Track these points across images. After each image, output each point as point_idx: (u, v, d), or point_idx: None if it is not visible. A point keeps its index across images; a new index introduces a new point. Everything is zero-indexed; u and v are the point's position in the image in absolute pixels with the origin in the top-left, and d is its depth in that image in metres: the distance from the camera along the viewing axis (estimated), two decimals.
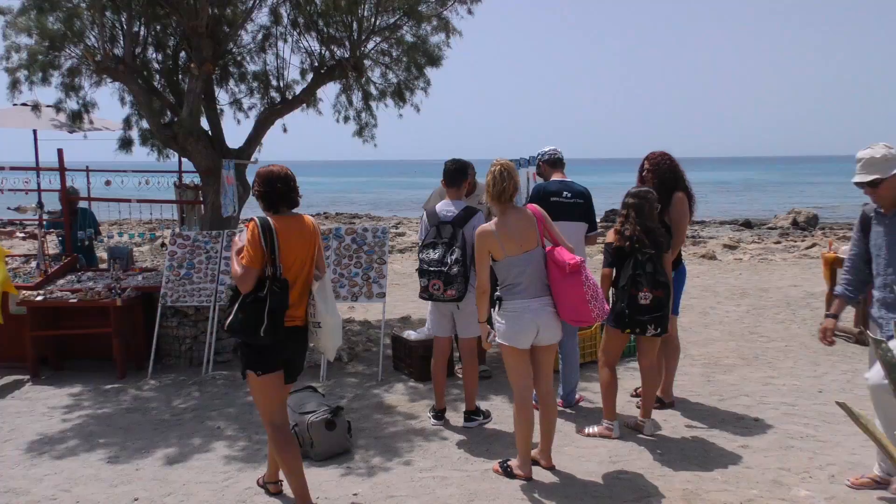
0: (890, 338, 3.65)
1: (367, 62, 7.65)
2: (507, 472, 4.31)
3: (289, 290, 3.65)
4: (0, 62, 6.81)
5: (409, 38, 7.59)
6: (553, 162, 5.66)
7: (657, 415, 5.19)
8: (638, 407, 5.27)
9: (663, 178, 5.16)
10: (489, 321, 4.31)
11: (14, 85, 6.83)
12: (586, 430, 4.97)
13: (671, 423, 5.14)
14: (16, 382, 6.50)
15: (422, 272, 5.00)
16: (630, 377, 6.18)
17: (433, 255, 4.95)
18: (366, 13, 7.25)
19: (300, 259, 3.76)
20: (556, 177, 5.59)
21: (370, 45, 7.55)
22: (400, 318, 8.81)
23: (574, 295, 4.06)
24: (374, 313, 9.02)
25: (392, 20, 7.40)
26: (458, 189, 5.24)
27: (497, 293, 4.23)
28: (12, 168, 8.12)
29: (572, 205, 5.37)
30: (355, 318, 8.78)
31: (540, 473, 4.33)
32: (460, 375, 6.28)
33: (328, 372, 6.51)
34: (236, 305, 3.63)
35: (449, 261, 4.89)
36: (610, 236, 4.79)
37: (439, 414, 5.32)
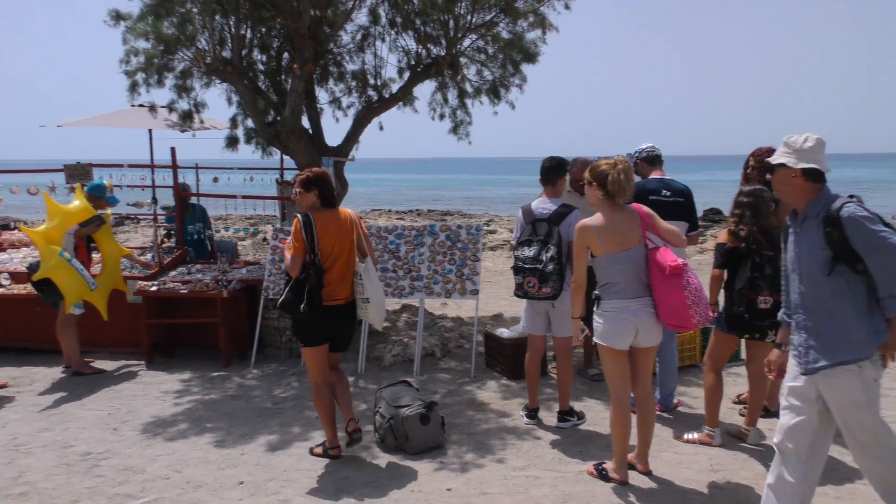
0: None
1: (462, 60, 7.67)
2: (603, 475, 4.24)
3: (324, 274, 4.41)
4: (120, 65, 7.23)
5: (504, 34, 7.56)
6: (651, 159, 5.52)
7: (762, 423, 4.96)
8: (741, 414, 5.06)
9: None
10: (585, 319, 4.27)
11: (133, 87, 7.24)
12: (685, 437, 4.82)
13: None
14: (132, 367, 6.91)
15: (517, 269, 4.98)
16: (731, 383, 5.94)
17: (528, 252, 4.93)
18: (462, 11, 7.27)
19: (338, 246, 4.48)
20: (654, 174, 5.44)
21: (466, 42, 7.57)
22: (492, 315, 8.81)
23: (674, 298, 3.92)
24: (466, 310, 9.06)
25: (488, 17, 7.40)
26: (555, 186, 5.19)
27: (596, 291, 4.17)
28: (130, 166, 8.65)
29: (672, 203, 5.22)
30: (448, 314, 8.84)
31: (636, 478, 4.24)
32: (553, 375, 6.23)
33: (421, 367, 6.59)
34: (287, 287, 4.41)
35: (544, 258, 4.85)
36: (722, 237, 4.61)
37: (532, 413, 5.29)
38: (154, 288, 7.02)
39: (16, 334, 7.27)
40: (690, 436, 4.80)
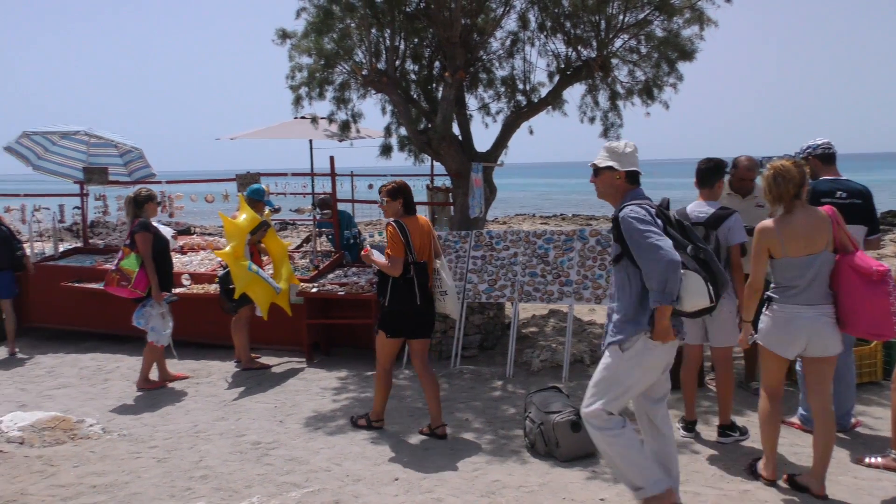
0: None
1: (614, 61, 7.50)
2: (753, 472, 4.19)
3: (427, 269, 5.07)
4: (286, 81, 7.74)
5: (658, 32, 7.31)
6: (825, 157, 5.10)
7: None
8: None
9: None
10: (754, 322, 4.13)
11: (297, 100, 7.73)
12: (867, 460, 4.40)
13: None
14: (294, 364, 7.36)
15: None
16: None
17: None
18: (614, 11, 7.12)
19: (423, 247, 5.08)
20: (827, 174, 5.03)
21: (618, 42, 7.40)
22: None
23: (877, 305, 3.67)
24: None
25: (641, 16, 7.19)
26: (712, 189, 4.95)
27: (769, 292, 4.01)
28: (293, 174, 9.23)
29: (849, 206, 4.80)
30: (597, 320, 8.66)
31: (809, 501, 3.93)
32: (710, 386, 5.93)
33: (570, 373, 6.50)
34: (390, 286, 5.00)
35: None
36: None
37: (689, 425, 5.06)
38: (314, 290, 7.43)
39: (195, 330, 7.94)
40: (873, 459, 4.38)
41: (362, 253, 5.17)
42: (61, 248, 10.20)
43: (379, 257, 5.07)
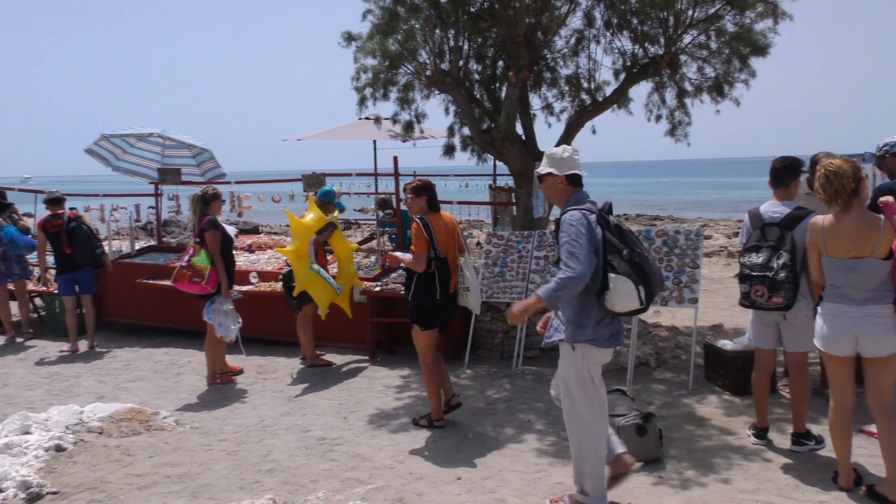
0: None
1: (682, 57, 7.33)
2: (835, 480, 4.11)
3: (448, 265, 5.21)
4: (351, 82, 7.86)
5: (730, 27, 7.10)
6: None
7: None
8: None
9: None
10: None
11: (361, 101, 7.83)
12: None
13: None
14: (358, 362, 7.46)
15: (743, 277, 4.65)
16: None
17: (756, 259, 4.59)
18: (683, 6, 6.96)
19: (447, 243, 5.23)
20: None
21: (686, 39, 7.23)
22: (711, 325, 8.32)
23: None
24: (681, 319, 8.64)
25: (712, 10, 7.00)
26: (787, 189, 4.79)
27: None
28: (357, 174, 9.36)
29: None
30: (662, 322, 8.49)
31: None
32: (783, 393, 5.75)
33: (634, 376, 6.39)
34: (414, 281, 5.18)
35: (775, 265, 4.49)
36: None
37: (761, 433, 4.90)
38: (378, 288, 7.51)
39: (262, 327, 8.14)
40: None
41: (388, 257, 5.40)
42: (137, 246, 10.62)
43: (403, 255, 5.36)
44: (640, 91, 8.05)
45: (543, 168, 3.94)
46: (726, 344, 6.10)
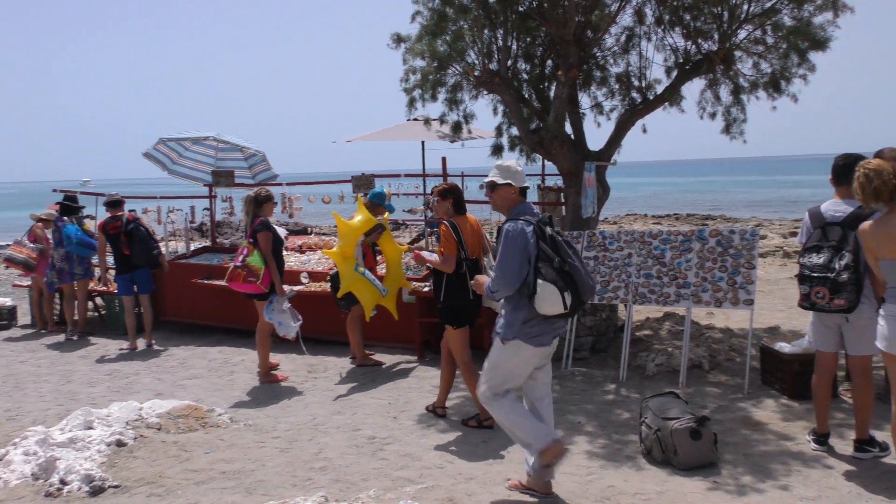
0: None
1: (737, 53, 7.15)
2: None
3: (478, 265, 5.37)
4: (400, 84, 7.89)
5: (787, 21, 6.90)
6: None
7: None
8: None
9: None
10: None
11: (411, 103, 7.86)
12: None
13: None
14: (407, 362, 7.50)
15: (803, 278, 4.53)
16: None
17: (817, 259, 4.46)
18: (738, 0, 6.79)
19: (474, 245, 5.37)
20: None
21: (741, 34, 7.05)
22: (766, 328, 8.10)
23: None
24: (735, 321, 8.44)
25: (768, 4, 6.81)
26: (850, 187, 4.60)
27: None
28: (406, 175, 9.41)
29: None
30: (715, 324, 8.30)
31: None
32: (844, 397, 5.57)
33: (687, 379, 6.26)
34: (444, 282, 5.30)
35: (837, 266, 4.36)
36: None
37: (821, 438, 4.76)
38: (426, 289, 7.54)
39: (312, 326, 8.24)
40: None
41: (414, 256, 5.50)
42: (192, 247, 10.89)
43: (430, 256, 5.48)
44: (693, 88, 7.89)
45: (500, 179, 4.21)
46: (783, 346, 5.94)
